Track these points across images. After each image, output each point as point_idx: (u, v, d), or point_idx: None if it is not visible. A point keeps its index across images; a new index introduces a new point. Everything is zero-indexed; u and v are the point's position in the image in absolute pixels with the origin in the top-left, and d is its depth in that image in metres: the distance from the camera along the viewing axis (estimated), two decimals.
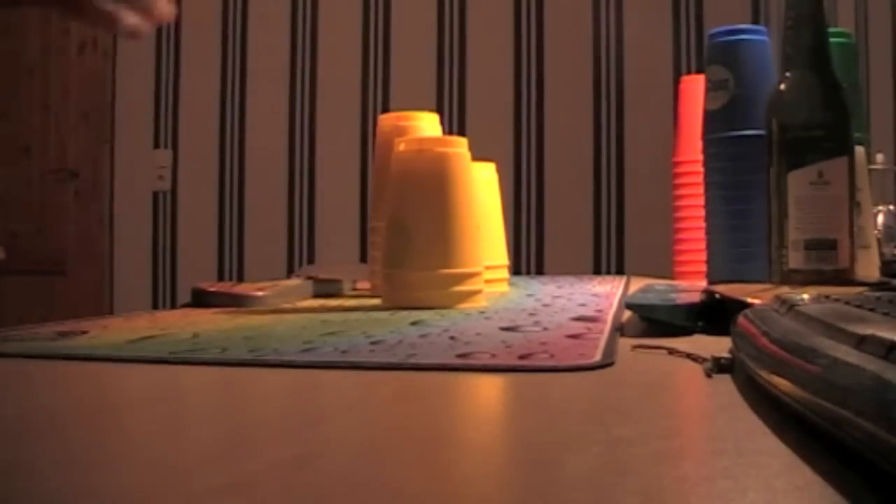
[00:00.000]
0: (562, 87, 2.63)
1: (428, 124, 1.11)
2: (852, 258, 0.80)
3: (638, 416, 0.35)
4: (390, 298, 0.89)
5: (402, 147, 0.92)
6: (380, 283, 0.93)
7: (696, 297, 0.68)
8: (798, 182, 0.80)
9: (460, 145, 0.93)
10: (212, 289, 0.97)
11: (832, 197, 0.80)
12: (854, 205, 0.81)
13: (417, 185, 0.90)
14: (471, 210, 0.91)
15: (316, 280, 1.11)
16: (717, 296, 0.66)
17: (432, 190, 0.89)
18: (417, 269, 0.87)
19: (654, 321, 0.65)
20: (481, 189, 1.21)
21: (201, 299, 0.95)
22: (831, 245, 0.79)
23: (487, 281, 1.18)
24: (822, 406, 0.28)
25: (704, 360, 0.46)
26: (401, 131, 1.08)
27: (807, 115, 0.82)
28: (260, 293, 0.95)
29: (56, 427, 0.34)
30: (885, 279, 0.89)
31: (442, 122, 1.16)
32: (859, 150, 0.85)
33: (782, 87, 0.84)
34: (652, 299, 0.68)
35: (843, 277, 0.79)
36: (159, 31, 2.90)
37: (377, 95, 2.74)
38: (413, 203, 0.90)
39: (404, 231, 0.89)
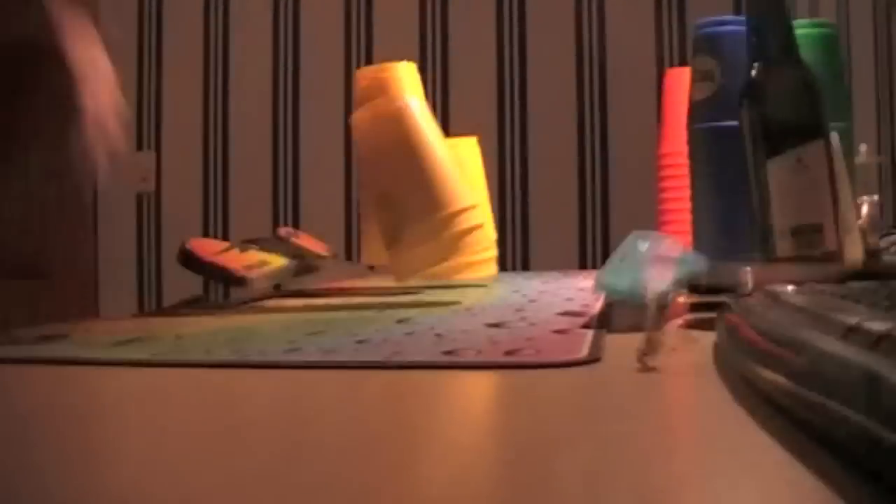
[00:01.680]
0: (545, 81, 2.63)
1: (405, 74, 1.08)
2: (839, 240, 0.80)
3: (628, 413, 0.35)
4: (404, 270, 0.89)
5: (356, 120, 0.92)
6: (392, 267, 0.91)
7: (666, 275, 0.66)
8: (777, 170, 0.81)
9: (407, 88, 0.93)
10: (205, 256, 0.95)
11: (812, 181, 0.80)
12: (834, 187, 0.81)
13: (386, 151, 0.90)
14: (441, 149, 0.91)
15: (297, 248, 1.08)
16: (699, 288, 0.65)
17: (400, 148, 0.89)
18: (416, 224, 0.87)
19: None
20: (466, 165, 1.18)
21: (190, 264, 0.94)
22: (817, 229, 0.79)
23: (476, 263, 1.16)
24: (810, 398, 0.28)
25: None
26: (380, 84, 1.05)
27: (779, 103, 0.83)
28: (253, 274, 0.94)
29: (40, 431, 0.34)
30: (869, 270, 0.89)
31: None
32: (833, 134, 0.86)
33: (752, 76, 0.84)
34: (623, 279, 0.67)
35: (831, 260, 0.79)
36: (141, 31, 2.88)
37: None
38: (390, 168, 0.90)
39: (390, 200, 0.89)
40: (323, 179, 2.73)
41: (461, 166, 1.13)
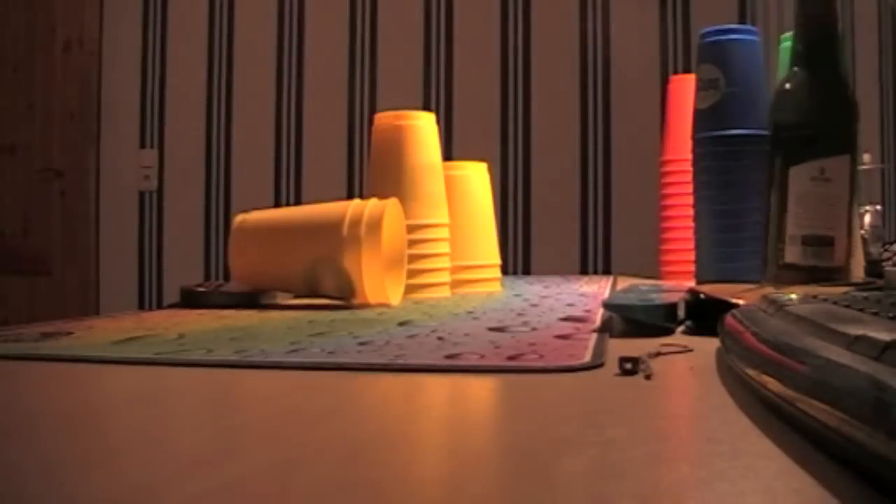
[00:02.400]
0: (549, 87, 2.63)
1: (426, 123, 1.11)
2: (848, 256, 0.80)
3: (631, 418, 0.35)
4: (389, 297, 0.91)
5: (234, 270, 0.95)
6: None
7: (675, 297, 0.67)
8: (799, 177, 0.80)
9: None
10: (201, 288, 0.97)
11: (832, 194, 0.79)
12: (854, 204, 0.81)
13: (266, 253, 0.94)
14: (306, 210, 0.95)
15: None
16: (702, 296, 0.65)
17: (273, 241, 0.94)
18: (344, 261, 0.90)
19: (633, 321, 0.64)
20: (475, 189, 1.21)
21: (192, 300, 0.94)
22: (828, 242, 0.79)
23: (481, 280, 1.18)
24: (815, 407, 0.28)
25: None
26: (399, 130, 1.08)
27: (813, 111, 0.82)
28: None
29: (40, 430, 0.34)
30: (871, 279, 0.89)
31: None
32: (866, 157, 0.85)
33: (789, 83, 0.84)
34: (631, 300, 0.68)
35: (839, 275, 0.79)
36: (145, 29, 2.88)
37: (364, 95, 2.73)
38: (283, 260, 0.94)
39: (314, 267, 0.93)
40: (326, 179, 2.73)
41: (468, 190, 1.17)
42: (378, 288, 0.90)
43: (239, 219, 0.96)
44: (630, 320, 0.65)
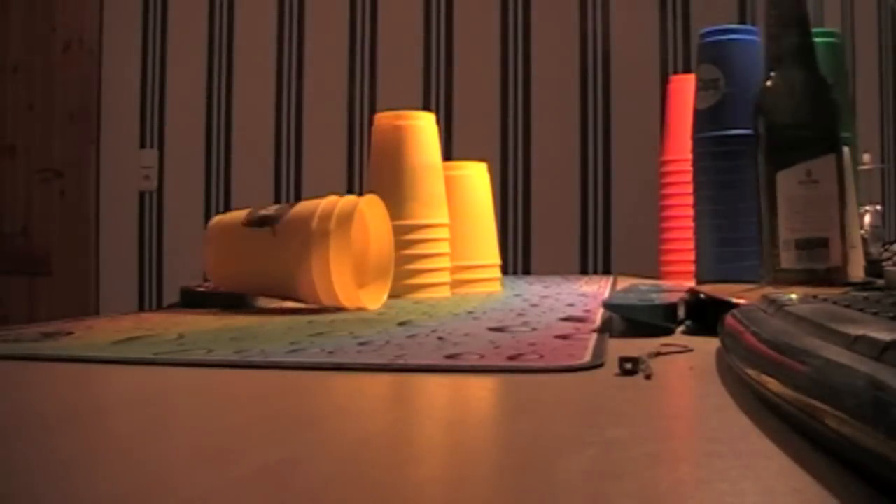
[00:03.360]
0: (549, 87, 2.63)
1: (426, 123, 1.11)
2: (844, 256, 0.80)
3: (631, 418, 0.35)
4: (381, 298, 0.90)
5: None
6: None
7: (675, 297, 0.67)
8: (787, 182, 0.80)
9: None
10: (201, 288, 0.97)
11: (821, 196, 0.79)
12: (846, 202, 0.81)
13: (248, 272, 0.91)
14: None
15: None
16: (702, 296, 0.65)
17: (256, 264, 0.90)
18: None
19: (633, 321, 0.64)
20: (475, 189, 1.21)
21: (192, 300, 0.95)
22: (822, 244, 0.79)
23: (481, 280, 1.18)
24: (815, 406, 0.28)
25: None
26: (399, 130, 1.08)
27: (793, 114, 0.82)
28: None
29: (39, 430, 0.34)
30: (871, 279, 0.89)
31: None
32: (845, 150, 0.85)
33: (768, 85, 0.84)
34: (631, 300, 0.68)
35: (836, 276, 0.78)
36: (145, 29, 2.88)
37: (364, 95, 2.73)
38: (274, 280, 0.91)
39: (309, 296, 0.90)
40: (326, 179, 2.73)
41: (468, 190, 1.17)
42: (350, 289, 0.83)
43: (213, 221, 0.91)
44: (630, 320, 0.65)
